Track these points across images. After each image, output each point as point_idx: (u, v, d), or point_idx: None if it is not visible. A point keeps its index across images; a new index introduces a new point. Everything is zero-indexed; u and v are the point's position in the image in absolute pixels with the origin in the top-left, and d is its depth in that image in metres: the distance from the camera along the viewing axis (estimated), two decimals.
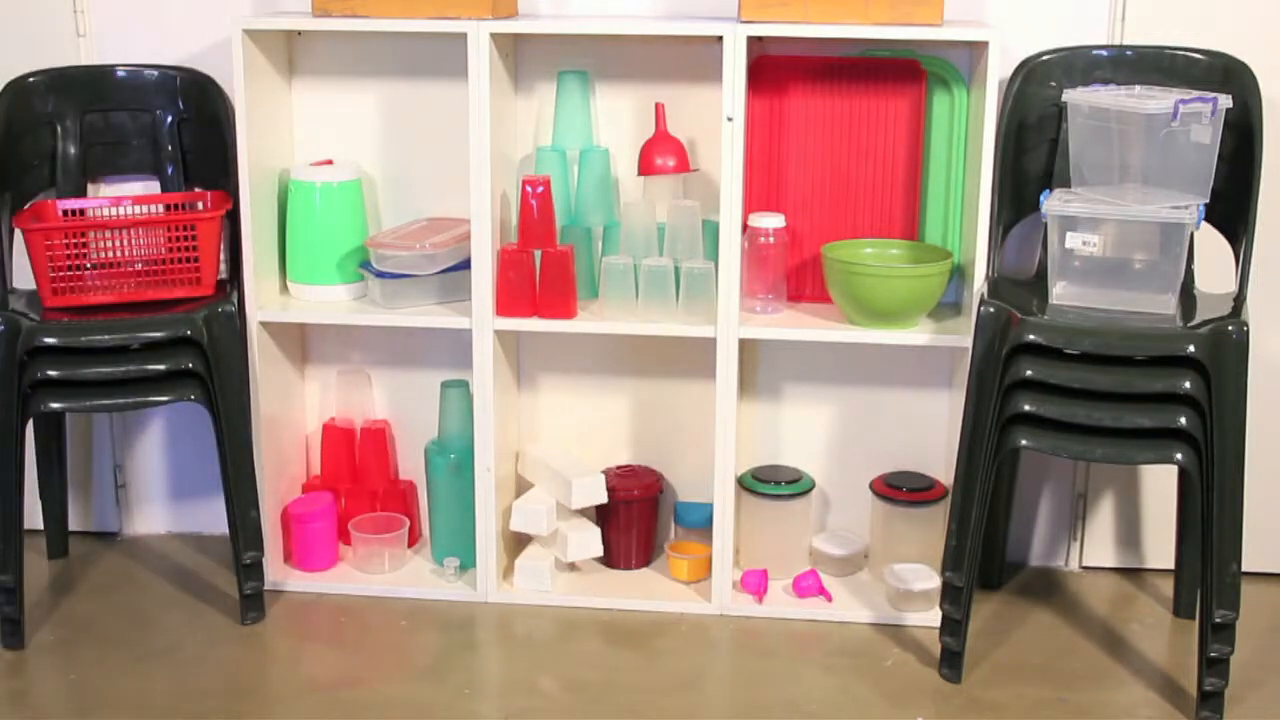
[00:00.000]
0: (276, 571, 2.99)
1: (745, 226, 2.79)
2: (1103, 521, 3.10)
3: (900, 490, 2.94)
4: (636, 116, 2.95)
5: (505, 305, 2.82)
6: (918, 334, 2.77)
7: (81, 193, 3.00)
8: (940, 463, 3.01)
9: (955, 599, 2.60)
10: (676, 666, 2.71)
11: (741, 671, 2.71)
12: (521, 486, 3.04)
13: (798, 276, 2.92)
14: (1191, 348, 2.44)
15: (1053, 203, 2.61)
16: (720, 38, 2.66)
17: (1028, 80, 2.79)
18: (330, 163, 2.98)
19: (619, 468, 3.07)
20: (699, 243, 2.84)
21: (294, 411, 3.09)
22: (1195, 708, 2.53)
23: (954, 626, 2.62)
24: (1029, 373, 2.49)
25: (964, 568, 2.58)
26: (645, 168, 2.85)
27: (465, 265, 2.84)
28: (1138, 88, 2.70)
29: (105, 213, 2.91)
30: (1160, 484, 3.02)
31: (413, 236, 2.88)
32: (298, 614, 2.91)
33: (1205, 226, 2.62)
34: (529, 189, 2.76)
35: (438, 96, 2.95)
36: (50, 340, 2.66)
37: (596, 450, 3.10)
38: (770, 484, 2.95)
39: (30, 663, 2.72)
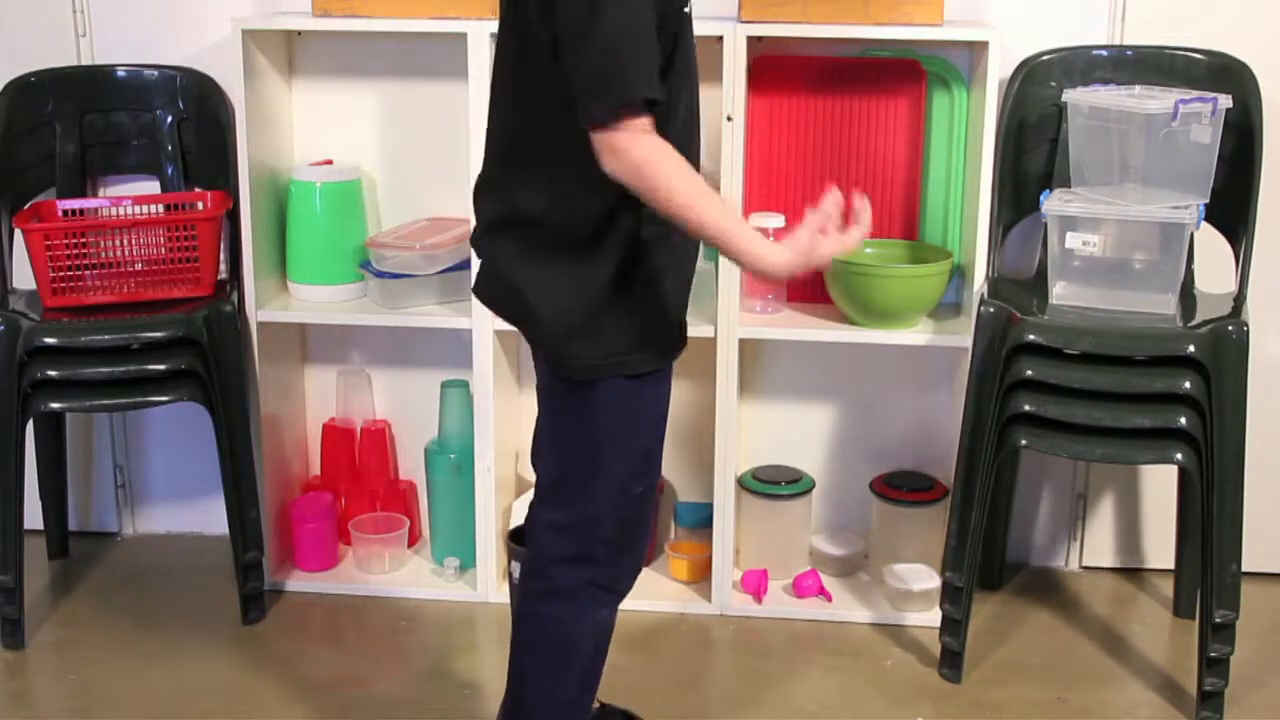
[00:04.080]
0: (276, 571, 2.99)
1: None
2: (1103, 521, 3.10)
3: (900, 490, 2.94)
4: None
5: None
6: (918, 334, 2.77)
7: (81, 193, 2.99)
8: (940, 463, 3.01)
9: (955, 599, 2.60)
10: (676, 666, 2.71)
11: (741, 671, 2.71)
12: (521, 486, 3.04)
13: (798, 276, 2.91)
14: (1191, 348, 2.44)
15: (1053, 203, 2.61)
16: (720, 38, 2.66)
17: (1028, 80, 2.79)
18: (330, 163, 2.98)
19: None
20: (699, 243, 2.84)
21: (294, 411, 3.09)
22: (1195, 708, 2.53)
23: (954, 626, 2.62)
24: (1029, 373, 2.49)
25: (964, 568, 2.58)
26: None
27: (465, 265, 2.84)
28: (1138, 88, 2.70)
29: (105, 213, 2.90)
30: (1160, 484, 3.02)
31: (413, 236, 2.88)
32: (298, 614, 2.91)
33: (1205, 226, 2.62)
34: None
35: (438, 96, 2.95)
36: (50, 340, 2.66)
37: None
38: (770, 484, 2.95)
39: (30, 663, 2.72)
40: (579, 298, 1.91)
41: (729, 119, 2.68)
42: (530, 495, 2.96)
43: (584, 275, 1.90)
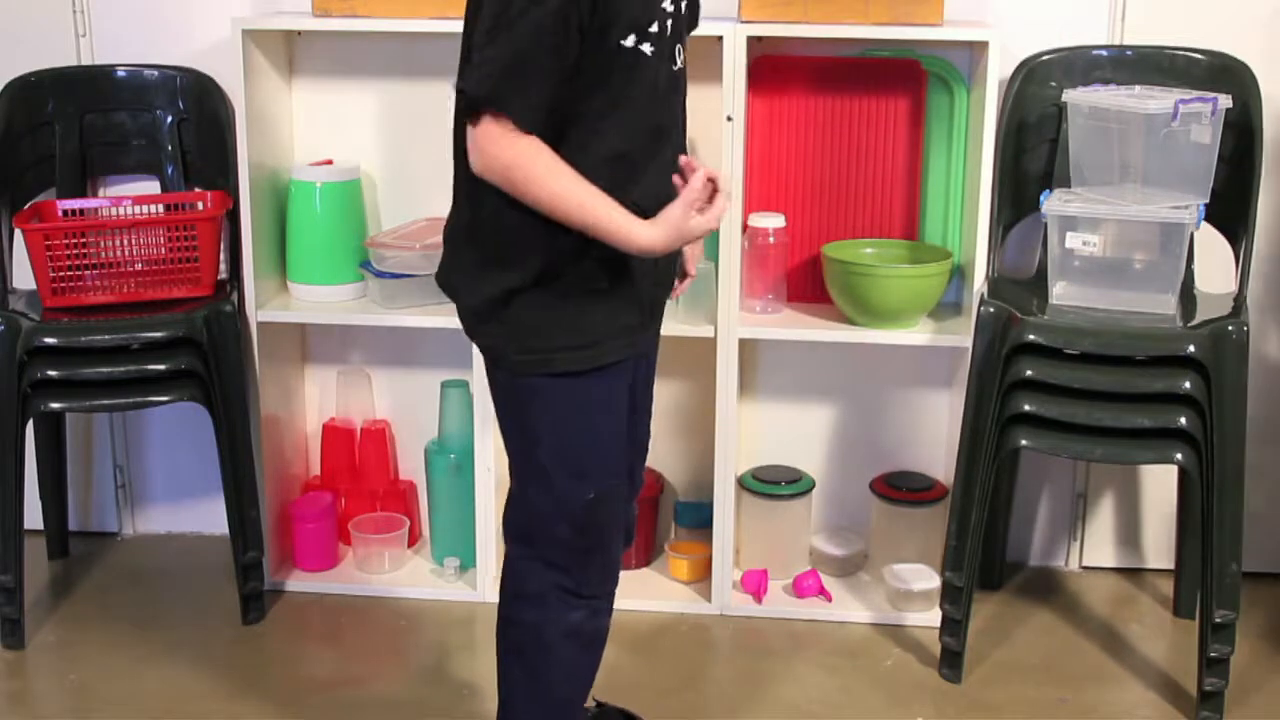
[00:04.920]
0: (276, 571, 2.99)
1: (745, 226, 2.79)
2: (1103, 521, 3.10)
3: (900, 490, 2.95)
4: None
5: None
6: (918, 334, 2.77)
7: (81, 193, 2.99)
8: (940, 463, 3.01)
9: (955, 599, 2.60)
10: (676, 666, 2.71)
11: (741, 671, 2.71)
12: None
13: (798, 276, 2.91)
14: (1191, 348, 2.44)
15: (1053, 203, 2.61)
16: (720, 38, 2.66)
17: (1028, 80, 2.79)
18: (330, 163, 2.98)
19: None
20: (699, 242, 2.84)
21: (294, 411, 3.09)
22: (1195, 708, 2.53)
23: (954, 626, 2.62)
24: (1029, 373, 2.49)
25: (964, 568, 2.58)
26: None
27: None
28: (1138, 88, 2.70)
29: (105, 213, 2.90)
30: (1160, 484, 3.02)
31: (413, 236, 2.88)
32: (298, 614, 2.91)
33: (1205, 226, 2.62)
34: None
35: (438, 96, 2.94)
36: (50, 340, 2.66)
37: None
38: (770, 484, 2.95)
39: (30, 663, 2.72)
40: (498, 284, 1.95)
41: (729, 119, 2.68)
42: None
43: (500, 273, 1.95)
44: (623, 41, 1.87)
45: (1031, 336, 2.49)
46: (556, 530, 2.03)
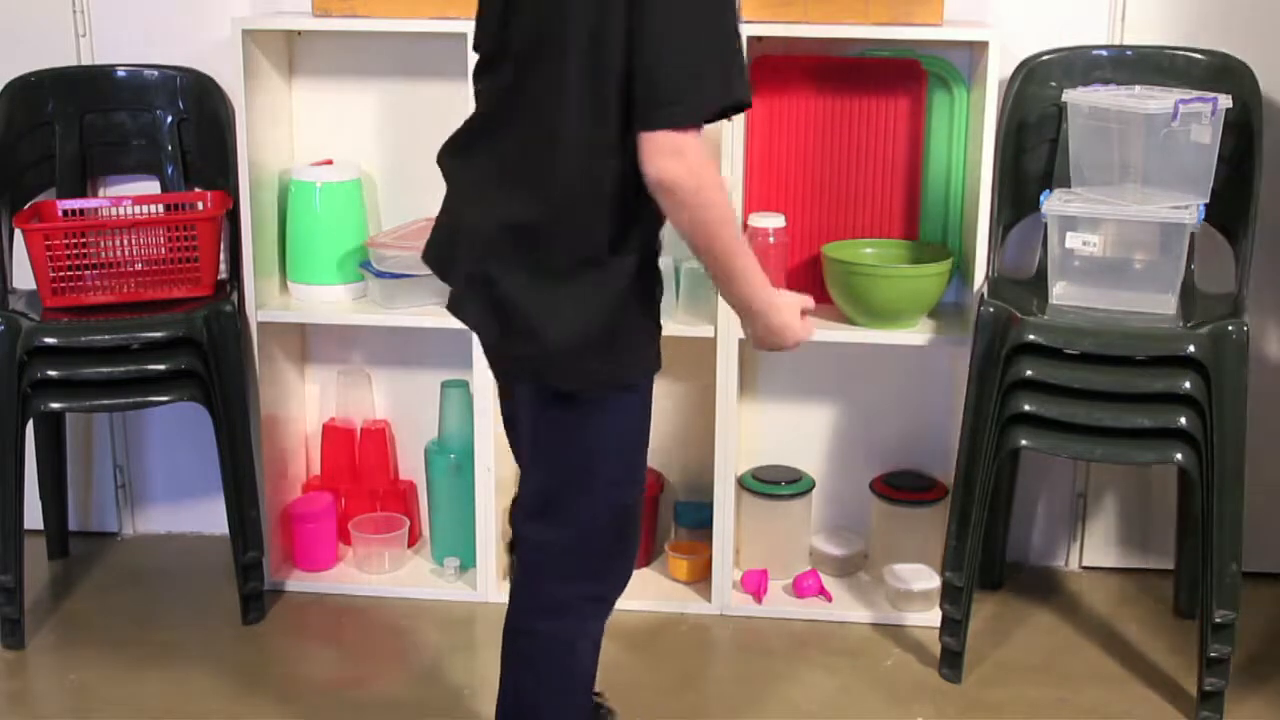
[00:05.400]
0: (276, 571, 2.99)
1: (745, 226, 2.79)
2: (1103, 521, 3.10)
3: (900, 490, 2.95)
4: None
5: None
6: (918, 334, 2.77)
7: (81, 193, 2.99)
8: (940, 463, 3.01)
9: (955, 599, 2.60)
10: (676, 666, 2.71)
11: (741, 671, 2.71)
12: None
13: (798, 276, 2.91)
14: (1191, 348, 2.44)
15: (1053, 203, 2.61)
16: None
17: (1028, 80, 2.79)
18: (330, 163, 2.98)
19: None
20: None
21: (294, 411, 3.09)
22: (1195, 708, 2.53)
23: (954, 626, 2.62)
24: (1029, 373, 2.49)
25: (964, 568, 2.58)
26: None
27: None
28: (1138, 88, 2.70)
29: (105, 213, 2.90)
30: (1160, 484, 3.02)
31: (413, 236, 2.88)
32: (298, 614, 2.91)
33: (1205, 226, 2.62)
34: None
35: (438, 96, 2.95)
36: (50, 340, 2.66)
37: None
38: (770, 484, 2.95)
39: (30, 663, 2.72)
40: (589, 313, 1.85)
41: (729, 119, 2.68)
42: None
43: (590, 292, 1.85)
44: None
45: (1031, 336, 2.49)
46: (598, 542, 2.00)
